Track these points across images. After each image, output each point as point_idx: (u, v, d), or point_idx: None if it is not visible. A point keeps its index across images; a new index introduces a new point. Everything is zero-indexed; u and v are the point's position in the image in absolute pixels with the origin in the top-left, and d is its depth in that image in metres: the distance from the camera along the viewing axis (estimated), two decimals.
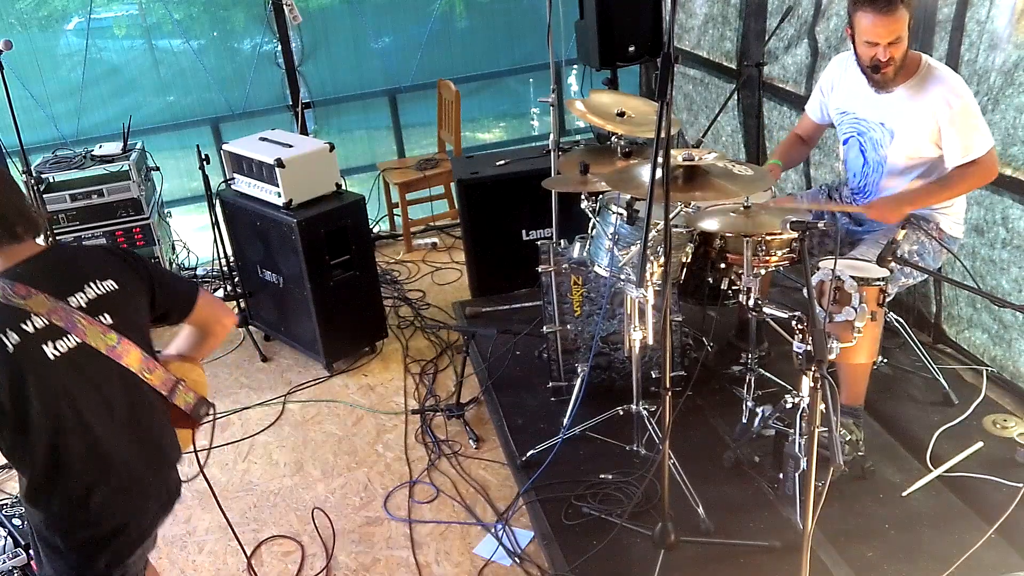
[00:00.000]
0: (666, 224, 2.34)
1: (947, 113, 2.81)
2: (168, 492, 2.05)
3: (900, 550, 2.66)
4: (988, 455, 3.01)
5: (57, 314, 1.76)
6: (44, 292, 1.76)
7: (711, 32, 4.97)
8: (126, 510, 1.94)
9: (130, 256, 2.01)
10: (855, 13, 2.80)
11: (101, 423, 1.85)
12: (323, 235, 3.83)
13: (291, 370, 4.16)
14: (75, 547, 1.90)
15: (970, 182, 2.90)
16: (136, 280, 1.96)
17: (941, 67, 2.89)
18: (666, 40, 2.13)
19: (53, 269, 1.85)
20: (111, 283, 1.89)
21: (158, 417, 1.99)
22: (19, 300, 1.73)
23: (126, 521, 1.94)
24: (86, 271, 1.88)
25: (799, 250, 2.48)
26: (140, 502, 1.96)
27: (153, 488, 1.99)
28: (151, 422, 1.97)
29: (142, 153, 4.72)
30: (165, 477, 2.04)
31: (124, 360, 1.86)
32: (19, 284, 1.75)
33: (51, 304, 1.76)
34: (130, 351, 1.87)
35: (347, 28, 5.50)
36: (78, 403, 1.81)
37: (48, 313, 1.76)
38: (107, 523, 1.91)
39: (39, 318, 1.75)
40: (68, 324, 1.78)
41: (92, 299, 1.84)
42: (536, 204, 4.12)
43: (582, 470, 3.15)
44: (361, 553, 2.98)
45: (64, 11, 5.01)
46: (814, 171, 4.29)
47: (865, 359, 2.86)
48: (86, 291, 1.84)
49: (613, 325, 3.45)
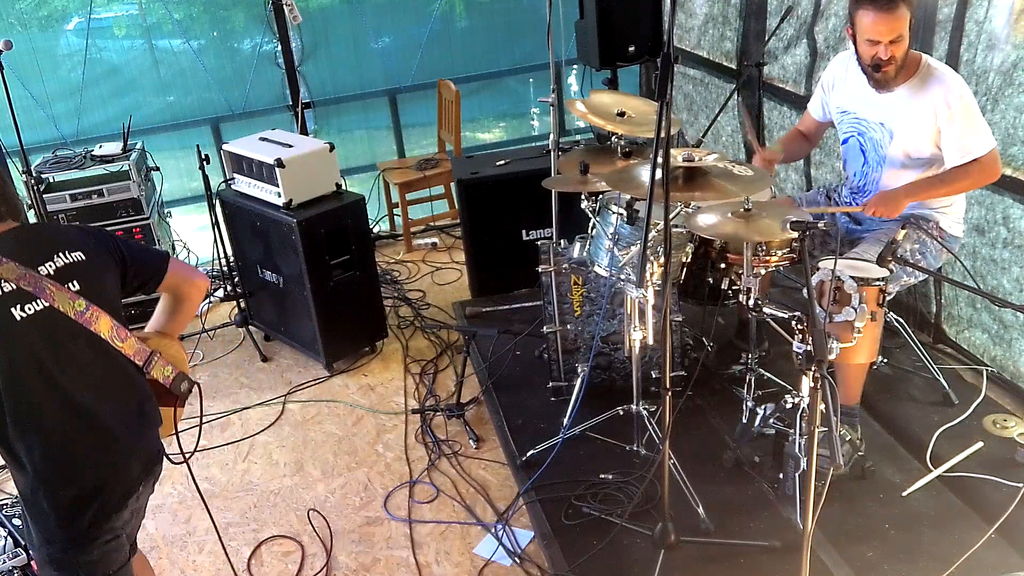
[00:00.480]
0: (666, 224, 2.34)
1: (946, 113, 2.81)
2: (149, 453, 2.07)
3: (900, 550, 2.66)
4: (988, 455, 3.01)
5: (26, 279, 1.83)
6: (14, 260, 1.83)
7: (711, 32, 4.97)
8: (106, 466, 1.95)
9: (100, 232, 2.08)
10: (856, 12, 2.80)
11: (71, 380, 1.89)
12: (323, 235, 3.83)
13: (291, 370, 4.16)
14: (58, 506, 1.92)
15: (970, 181, 2.90)
16: (105, 254, 2.02)
17: (941, 67, 2.89)
18: (666, 40, 2.12)
19: (25, 241, 1.92)
20: (79, 254, 1.95)
21: (133, 381, 2.02)
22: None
23: (107, 478, 1.96)
24: (56, 242, 1.95)
25: (799, 250, 2.48)
26: (121, 459, 1.98)
27: (133, 446, 2.01)
28: (127, 385, 2.01)
29: (142, 153, 4.71)
30: (146, 436, 2.06)
31: (93, 326, 1.91)
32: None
33: (20, 271, 1.83)
34: (99, 318, 1.92)
35: (347, 28, 5.50)
36: (45, 361, 1.86)
37: (17, 279, 1.82)
38: (88, 479, 1.93)
39: (7, 283, 1.82)
40: (36, 289, 1.84)
41: (60, 267, 1.91)
42: (536, 204, 4.12)
43: (582, 470, 3.15)
44: (361, 553, 2.98)
45: (64, 11, 5.01)
46: (815, 171, 4.29)
47: (865, 359, 2.86)
48: (55, 260, 1.91)
49: (613, 325, 3.45)
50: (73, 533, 1.94)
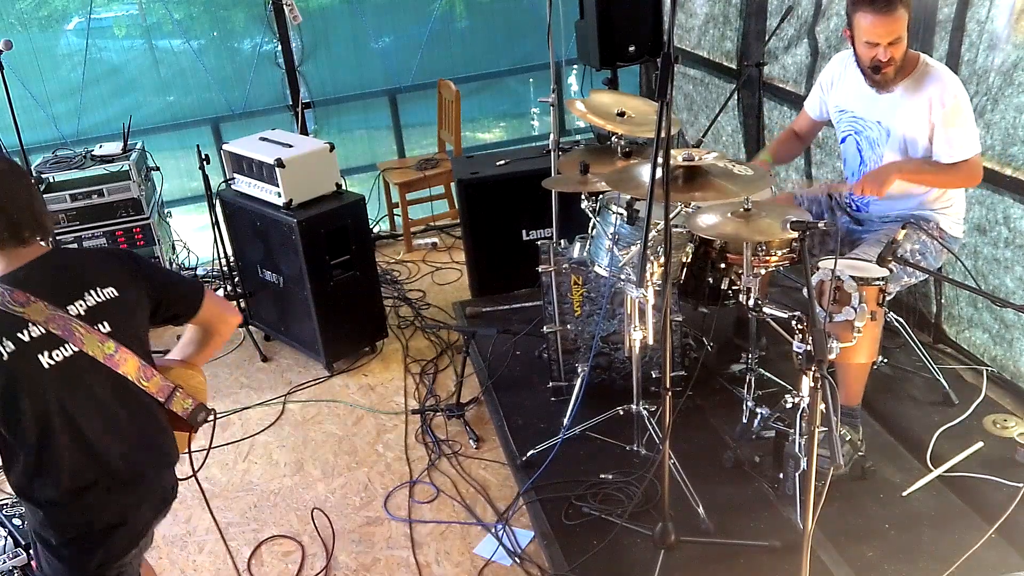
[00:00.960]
0: (666, 224, 2.34)
1: (940, 112, 2.81)
2: (163, 494, 2.05)
3: (900, 550, 2.66)
4: (988, 455, 3.00)
5: (55, 322, 1.77)
6: (43, 300, 1.76)
7: (711, 32, 4.97)
8: (119, 510, 1.94)
9: (134, 259, 2.00)
10: (854, 14, 2.80)
11: (93, 428, 1.86)
12: (323, 235, 3.83)
13: (291, 370, 4.16)
14: (68, 544, 1.91)
15: (955, 179, 2.92)
16: (138, 286, 1.95)
17: (939, 67, 2.89)
18: (666, 40, 2.12)
19: (54, 275, 1.84)
20: (112, 290, 1.89)
21: (154, 420, 1.99)
22: (17, 308, 1.73)
23: (119, 521, 1.94)
24: (87, 278, 1.88)
25: (799, 250, 2.48)
26: (133, 503, 1.97)
27: (147, 490, 1.99)
28: (147, 425, 1.98)
29: (142, 153, 4.72)
30: (160, 479, 2.04)
31: (121, 368, 1.87)
32: (18, 291, 1.75)
33: (49, 312, 1.76)
34: (127, 359, 1.87)
35: (347, 28, 5.50)
36: (70, 409, 1.82)
37: (46, 321, 1.76)
38: (99, 522, 1.92)
39: (36, 327, 1.76)
40: (65, 333, 1.78)
41: (91, 307, 1.84)
42: (536, 204, 4.12)
43: (582, 470, 3.15)
44: (361, 553, 2.98)
45: (64, 11, 5.01)
46: (816, 171, 4.29)
47: (865, 359, 2.86)
48: (86, 299, 1.84)
49: (613, 325, 3.45)
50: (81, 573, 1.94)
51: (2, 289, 1.74)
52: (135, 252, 2.04)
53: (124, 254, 2.03)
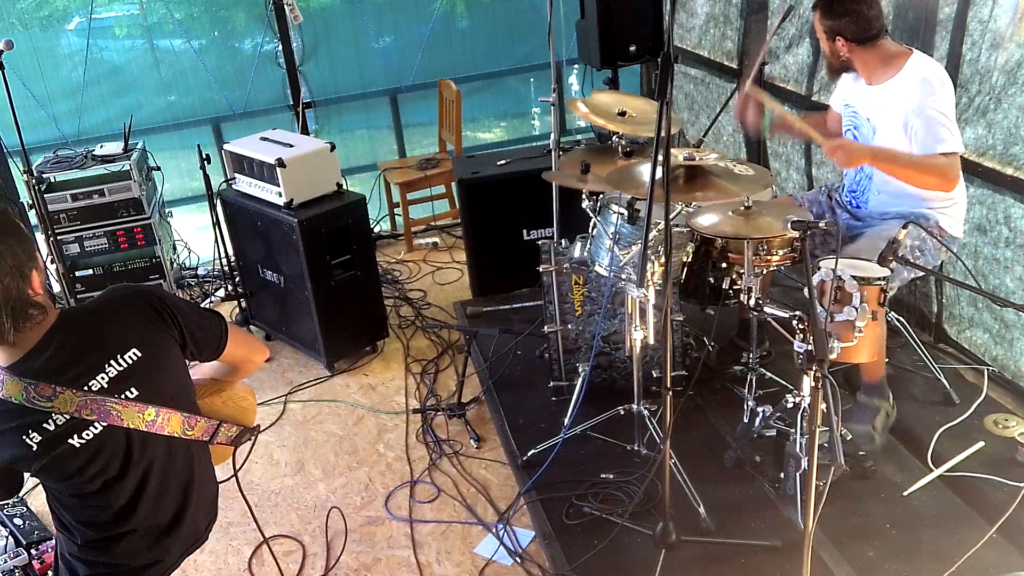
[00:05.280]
0: (667, 224, 2.34)
1: (917, 108, 2.82)
2: (195, 535, 2.02)
3: (901, 550, 2.66)
4: (989, 455, 3.00)
5: (88, 408, 1.66)
6: (69, 388, 1.64)
7: (712, 32, 4.97)
8: (152, 555, 1.92)
9: (154, 303, 1.81)
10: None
11: (135, 485, 1.82)
12: (324, 235, 3.83)
13: (292, 370, 4.16)
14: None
15: (926, 177, 2.88)
16: (162, 334, 1.81)
17: (925, 64, 2.89)
18: (666, 40, 2.12)
19: (70, 352, 1.68)
20: (134, 352, 1.74)
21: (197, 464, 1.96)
22: (45, 403, 1.63)
23: (150, 563, 1.92)
24: (106, 346, 1.72)
25: (800, 249, 2.48)
26: (165, 549, 1.94)
27: (182, 536, 1.96)
28: (189, 474, 1.94)
29: (143, 153, 4.72)
30: (196, 523, 2.01)
31: (166, 430, 1.79)
32: (43, 384, 1.63)
33: (79, 400, 1.65)
34: (170, 419, 1.79)
35: (348, 28, 5.50)
36: (109, 477, 1.77)
37: (78, 409, 1.65)
38: (130, 563, 1.90)
39: (61, 415, 1.65)
40: (101, 416, 1.68)
41: (113, 378, 1.71)
42: (537, 204, 4.12)
43: (583, 470, 3.14)
44: (362, 553, 2.98)
45: (65, 11, 5.01)
46: (816, 171, 4.29)
47: (866, 359, 2.85)
48: (107, 371, 1.71)
49: (614, 325, 3.45)
50: None
51: (24, 384, 1.62)
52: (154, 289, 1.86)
53: (142, 296, 1.82)
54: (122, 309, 1.79)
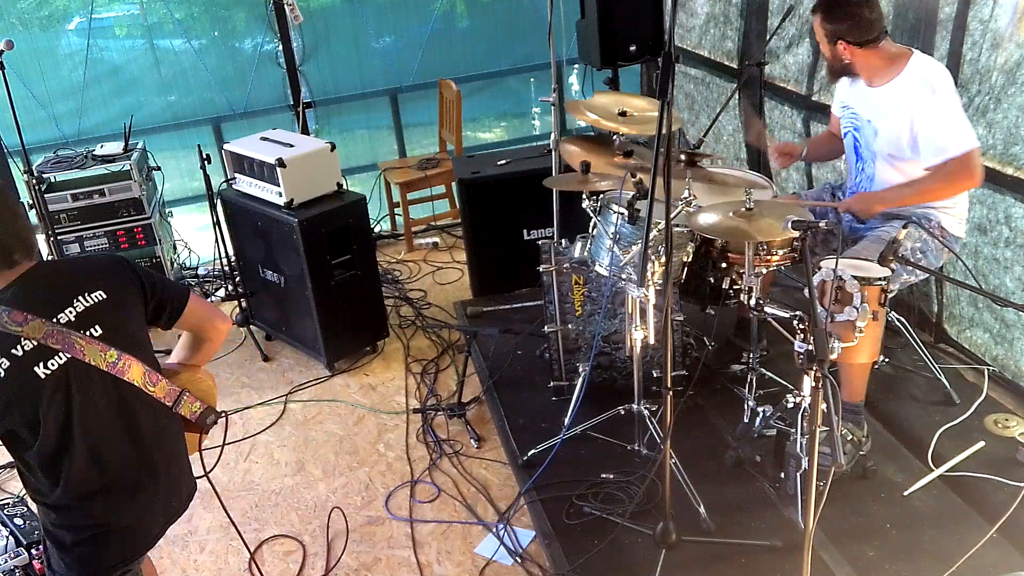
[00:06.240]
0: (667, 224, 2.34)
1: (921, 111, 2.80)
2: (178, 502, 2.08)
3: (901, 550, 2.66)
4: (989, 455, 3.00)
5: (54, 337, 1.78)
6: (39, 316, 1.78)
7: (712, 31, 4.97)
8: (131, 515, 1.96)
9: (119, 260, 2.02)
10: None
11: (100, 434, 1.87)
12: (324, 235, 3.83)
13: (292, 370, 4.16)
14: (81, 544, 1.92)
15: (944, 183, 2.85)
16: (127, 284, 1.97)
17: (925, 64, 2.87)
18: (667, 39, 2.12)
19: (43, 288, 1.86)
20: (100, 293, 1.90)
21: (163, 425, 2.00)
22: (15, 327, 1.76)
23: (131, 524, 1.96)
24: (76, 285, 1.88)
25: (801, 250, 2.48)
26: (146, 509, 1.98)
27: (160, 497, 2.01)
28: (157, 434, 1.99)
29: (143, 153, 4.72)
30: (174, 487, 2.05)
31: (127, 375, 1.88)
32: (16, 311, 1.77)
33: (46, 328, 1.78)
34: (131, 366, 1.89)
35: (348, 28, 5.50)
36: (74, 416, 1.83)
37: (44, 337, 1.78)
38: (112, 524, 1.94)
39: (28, 341, 1.77)
40: (65, 346, 1.80)
41: (80, 312, 1.85)
42: (537, 203, 4.12)
43: (583, 469, 3.14)
44: (362, 552, 2.98)
45: (65, 11, 5.01)
46: (816, 171, 4.29)
47: (866, 359, 2.86)
48: (75, 305, 1.85)
49: (614, 324, 3.45)
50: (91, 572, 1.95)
51: (1, 309, 1.76)
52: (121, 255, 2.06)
53: (110, 257, 2.05)
54: (93, 260, 2.02)
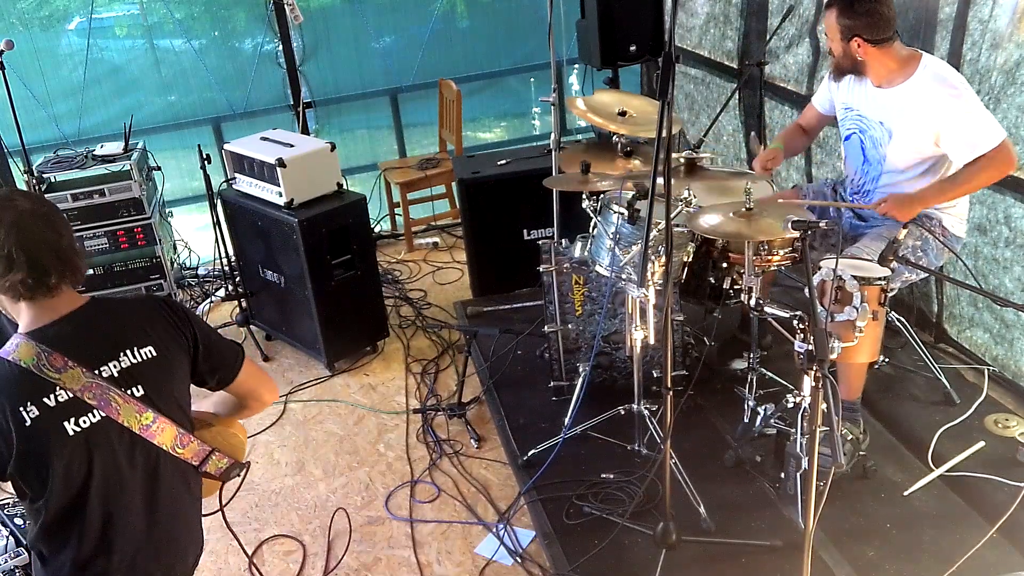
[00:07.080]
0: (667, 224, 2.34)
1: (947, 112, 2.80)
2: (183, 569, 1.95)
3: (902, 549, 2.66)
4: (990, 455, 3.00)
5: (91, 391, 1.66)
6: (80, 365, 1.66)
7: (712, 31, 4.97)
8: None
9: (177, 313, 1.87)
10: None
11: (115, 502, 1.76)
12: (324, 235, 3.83)
13: (292, 369, 4.16)
14: None
15: (984, 176, 2.83)
16: (178, 342, 1.84)
17: (939, 66, 2.88)
18: (667, 39, 2.12)
19: (90, 332, 1.72)
20: (150, 350, 1.77)
21: (184, 495, 1.89)
22: (53, 373, 1.63)
23: None
24: (124, 335, 1.76)
25: (801, 250, 2.48)
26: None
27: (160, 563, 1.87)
28: (173, 502, 1.86)
29: (143, 153, 4.72)
30: (180, 556, 1.93)
31: (157, 439, 1.77)
32: (56, 354, 1.64)
33: (86, 380, 1.66)
34: (164, 429, 1.77)
35: (348, 28, 5.50)
36: (94, 479, 1.71)
37: (82, 390, 1.65)
38: None
39: (65, 391, 1.64)
40: (102, 403, 1.68)
41: (126, 368, 1.73)
42: (537, 203, 4.12)
43: (583, 469, 3.15)
44: (363, 552, 2.98)
45: (65, 11, 5.01)
46: (816, 170, 4.29)
47: (866, 358, 2.86)
48: (121, 360, 1.73)
49: (614, 324, 3.45)
50: None
51: (39, 350, 1.63)
52: (182, 304, 1.88)
53: (167, 304, 1.88)
54: (148, 308, 1.85)
